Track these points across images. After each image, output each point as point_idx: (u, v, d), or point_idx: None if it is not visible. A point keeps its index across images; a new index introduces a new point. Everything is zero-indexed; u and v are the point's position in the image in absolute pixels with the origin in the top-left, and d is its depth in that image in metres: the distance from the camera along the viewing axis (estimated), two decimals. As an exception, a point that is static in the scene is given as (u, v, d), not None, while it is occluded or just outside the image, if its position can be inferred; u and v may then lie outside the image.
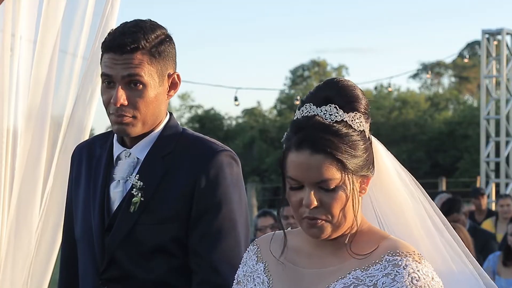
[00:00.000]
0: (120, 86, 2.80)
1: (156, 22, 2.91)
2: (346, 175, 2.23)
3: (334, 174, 2.22)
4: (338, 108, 2.27)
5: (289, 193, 2.28)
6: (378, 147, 2.40)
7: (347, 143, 2.24)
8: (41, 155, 3.64)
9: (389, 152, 2.45)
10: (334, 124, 2.24)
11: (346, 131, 2.25)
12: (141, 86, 2.81)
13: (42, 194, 3.66)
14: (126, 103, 2.80)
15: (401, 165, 2.48)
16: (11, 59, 3.65)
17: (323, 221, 2.24)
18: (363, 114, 2.30)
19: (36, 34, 3.67)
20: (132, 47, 2.79)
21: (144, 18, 2.91)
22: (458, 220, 8.38)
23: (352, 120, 2.27)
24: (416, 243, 2.37)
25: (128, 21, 2.90)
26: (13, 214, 3.60)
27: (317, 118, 2.26)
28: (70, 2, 3.68)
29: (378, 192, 2.44)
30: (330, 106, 2.27)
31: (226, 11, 75.29)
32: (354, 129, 2.26)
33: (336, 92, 2.30)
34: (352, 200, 2.25)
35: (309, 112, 2.27)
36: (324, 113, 2.26)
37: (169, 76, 2.89)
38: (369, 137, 2.32)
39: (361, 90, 2.32)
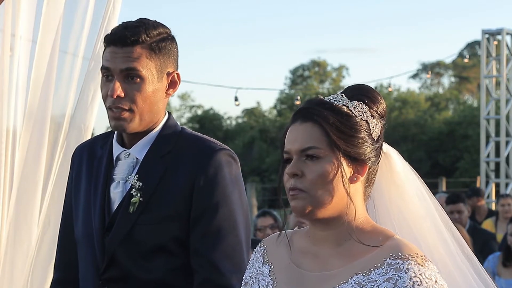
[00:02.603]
0: (117, 79, 2.81)
1: (160, 22, 2.92)
2: (332, 151, 2.23)
3: (318, 143, 2.22)
4: (344, 96, 2.29)
5: (283, 172, 2.28)
6: (393, 156, 2.41)
7: (339, 119, 2.24)
8: (41, 155, 3.64)
9: (404, 162, 2.45)
10: (333, 104, 2.27)
11: (344, 111, 2.26)
12: (138, 79, 2.82)
13: (43, 194, 3.65)
14: (122, 95, 2.81)
15: (419, 178, 2.48)
16: (11, 59, 3.65)
17: (304, 194, 2.23)
18: (372, 110, 2.30)
19: (36, 34, 3.67)
20: (133, 39, 2.81)
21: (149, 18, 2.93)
22: (462, 212, 8.56)
23: (354, 107, 2.28)
24: (431, 253, 2.36)
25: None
26: (13, 214, 3.60)
27: (319, 98, 2.31)
28: (70, 2, 3.68)
29: (394, 204, 2.43)
30: (337, 94, 2.31)
31: (226, 11, 75.25)
32: (355, 114, 2.26)
33: (351, 89, 2.33)
34: (342, 180, 2.23)
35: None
36: (330, 98, 2.30)
37: (169, 74, 2.89)
38: (379, 137, 2.31)
39: (380, 95, 2.33)
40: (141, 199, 2.83)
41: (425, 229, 2.43)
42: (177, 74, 2.92)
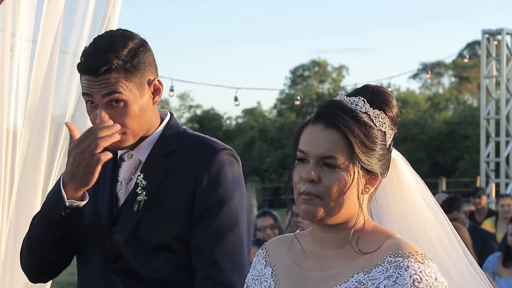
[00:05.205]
0: (102, 107, 2.78)
1: (127, 33, 2.85)
2: (352, 162, 2.23)
3: (340, 153, 2.23)
4: (365, 102, 2.29)
5: (294, 170, 2.28)
6: (400, 163, 2.42)
7: (363, 131, 2.24)
8: (41, 155, 3.64)
9: (411, 169, 2.46)
10: (356, 111, 2.27)
11: (366, 121, 2.26)
12: (122, 103, 2.79)
13: (43, 194, 3.65)
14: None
15: (424, 184, 2.49)
16: (11, 59, 3.65)
17: (318, 199, 2.23)
18: (389, 119, 2.31)
19: (36, 34, 3.67)
20: (105, 68, 2.76)
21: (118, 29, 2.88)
22: (458, 219, 8.41)
23: (375, 117, 2.28)
24: (439, 257, 2.37)
25: (101, 34, 2.89)
26: (13, 214, 3.60)
27: (342, 102, 2.29)
28: (70, 2, 3.68)
29: (399, 209, 2.44)
30: (359, 98, 2.30)
31: (227, 11, 75.32)
32: (375, 125, 2.27)
33: (370, 91, 2.33)
34: (357, 191, 2.25)
35: (337, 98, 2.32)
36: (351, 102, 2.29)
37: (150, 83, 2.86)
38: (389, 146, 2.33)
39: (395, 101, 2.34)
40: (145, 198, 2.85)
41: (430, 234, 2.45)
42: (158, 81, 2.88)
